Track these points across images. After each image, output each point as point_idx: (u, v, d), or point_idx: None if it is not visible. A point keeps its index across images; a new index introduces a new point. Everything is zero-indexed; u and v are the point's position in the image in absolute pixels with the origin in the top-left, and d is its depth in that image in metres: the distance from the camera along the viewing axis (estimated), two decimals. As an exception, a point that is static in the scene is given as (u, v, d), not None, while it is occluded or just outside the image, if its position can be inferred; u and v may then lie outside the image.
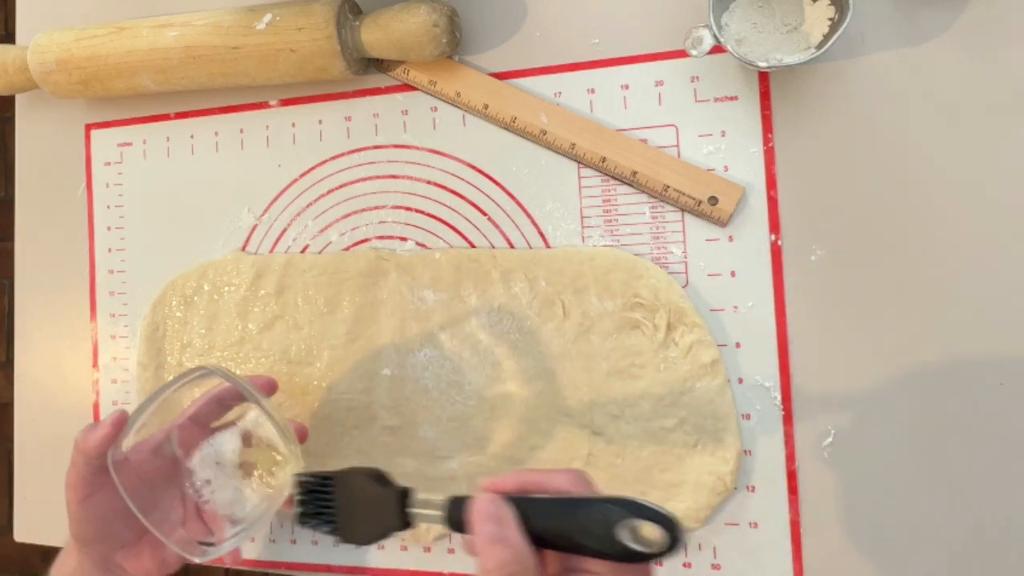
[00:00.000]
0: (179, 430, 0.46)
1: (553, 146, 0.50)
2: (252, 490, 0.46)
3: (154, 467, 0.45)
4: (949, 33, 0.45)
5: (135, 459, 0.43)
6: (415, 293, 0.52)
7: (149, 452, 0.44)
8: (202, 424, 0.47)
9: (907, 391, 0.45)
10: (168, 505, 0.45)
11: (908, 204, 0.45)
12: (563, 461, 0.49)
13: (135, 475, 0.43)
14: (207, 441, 0.46)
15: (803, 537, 0.46)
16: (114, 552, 0.43)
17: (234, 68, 0.53)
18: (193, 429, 0.46)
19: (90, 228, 0.62)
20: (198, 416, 0.46)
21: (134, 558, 0.44)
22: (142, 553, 0.44)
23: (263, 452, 0.46)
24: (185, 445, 0.46)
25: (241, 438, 0.46)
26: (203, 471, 0.45)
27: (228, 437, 0.46)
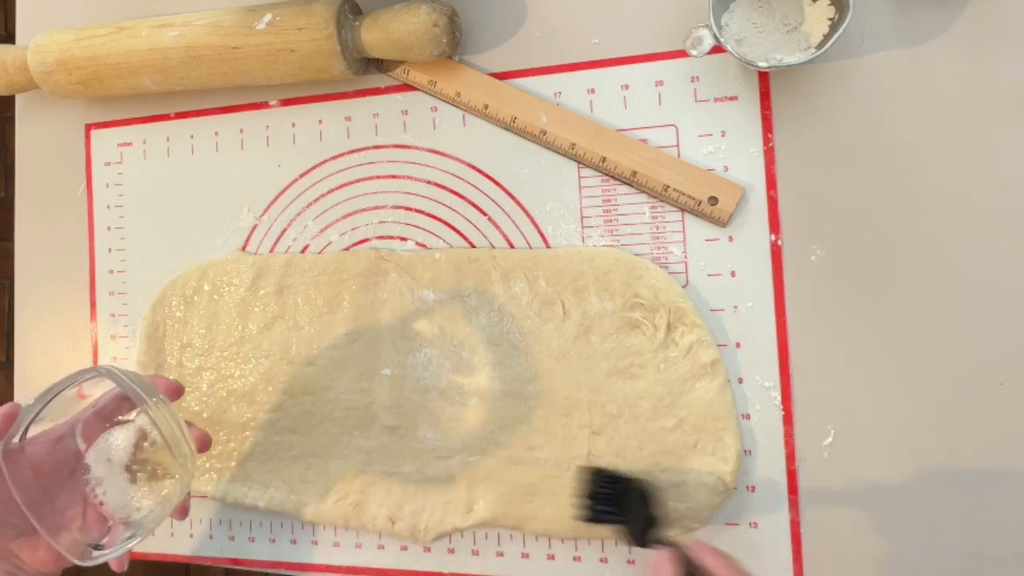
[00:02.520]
0: (84, 423, 0.44)
1: (553, 146, 0.50)
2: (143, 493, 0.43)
3: (53, 460, 0.43)
4: (949, 33, 0.45)
5: (32, 451, 0.42)
6: (415, 293, 0.52)
7: (50, 443, 0.43)
8: (107, 419, 0.44)
9: (907, 391, 0.45)
10: (66, 501, 0.43)
11: (908, 204, 0.45)
12: (563, 461, 0.49)
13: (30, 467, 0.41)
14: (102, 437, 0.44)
15: (803, 537, 0.46)
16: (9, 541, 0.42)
17: (234, 68, 0.53)
18: (98, 424, 0.44)
19: (90, 228, 0.62)
20: (103, 411, 0.44)
21: (30, 549, 0.42)
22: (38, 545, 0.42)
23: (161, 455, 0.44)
24: (89, 439, 0.44)
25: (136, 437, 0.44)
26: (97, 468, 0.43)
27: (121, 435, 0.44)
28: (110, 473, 0.43)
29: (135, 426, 0.44)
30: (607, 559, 0.50)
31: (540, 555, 0.51)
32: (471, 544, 0.52)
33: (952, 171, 0.45)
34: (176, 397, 0.46)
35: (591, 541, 0.50)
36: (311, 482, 0.54)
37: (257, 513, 0.57)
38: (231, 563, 0.58)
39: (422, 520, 0.52)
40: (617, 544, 0.50)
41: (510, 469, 0.50)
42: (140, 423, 0.44)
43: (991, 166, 0.44)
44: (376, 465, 0.53)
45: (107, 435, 0.44)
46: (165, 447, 0.42)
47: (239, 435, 0.56)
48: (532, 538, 0.51)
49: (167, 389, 0.45)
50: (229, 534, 0.58)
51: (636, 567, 0.49)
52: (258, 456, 0.56)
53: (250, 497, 0.55)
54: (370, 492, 0.53)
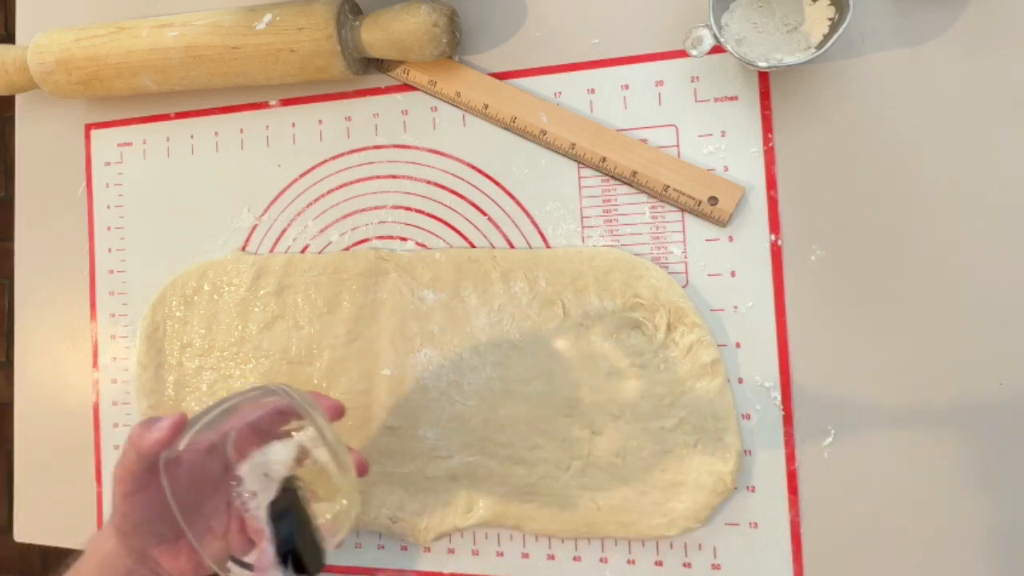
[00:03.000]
0: (236, 433, 0.43)
1: (553, 146, 0.50)
2: None
3: (205, 468, 0.43)
4: (949, 33, 0.45)
5: (187, 458, 0.42)
6: (415, 293, 0.52)
7: (203, 452, 0.43)
8: (260, 432, 0.44)
9: (907, 391, 0.45)
10: (213, 510, 0.43)
11: (908, 204, 0.45)
12: (563, 461, 0.49)
13: (185, 474, 0.41)
14: (260, 450, 0.42)
15: (803, 537, 0.46)
16: (152, 547, 0.42)
17: (234, 68, 0.53)
18: (251, 435, 0.44)
19: (90, 228, 0.62)
20: (258, 424, 0.44)
21: (171, 556, 0.43)
22: (180, 553, 0.43)
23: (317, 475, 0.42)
24: (240, 450, 0.43)
25: (297, 453, 0.42)
26: (251, 481, 0.42)
27: (281, 448, 0.42)
28: (264, 487, 0.41)
29: (296, 442, 0.42)
30: (607, 559, 0.50)
31: (540, 555, 0.51)
32: (471, 544, 0.52)
33: (952, 171, 0.45)
34: (338, 417, 0.45)
35: (591, 541, 0.50)
36: (311, 482, 0.54)
37: (257, 513, 0.57)
38: (231, 563, 0.58)
39: (422, 520, 0.52)
40: (617, 543, 0.50)
41: (510, 469, 0.50)
42: (301, 439, 0.42)
43: (991, 166, 0.44)
44: (376, 465, 0.53)
45: (267, 448, 0.42)
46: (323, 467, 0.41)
47: (239, 435, 0.56)
48: (532, 538, 0.51)
49: (329, 409, 0.44)
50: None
51: (636, 567, 0.49)
52: (258, 456, 0.56)
53: (250, 497, 0.55)
54: (370, 492, 0.53)
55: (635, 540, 0.49)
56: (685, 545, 0.48)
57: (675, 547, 0.48)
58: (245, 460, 0.42)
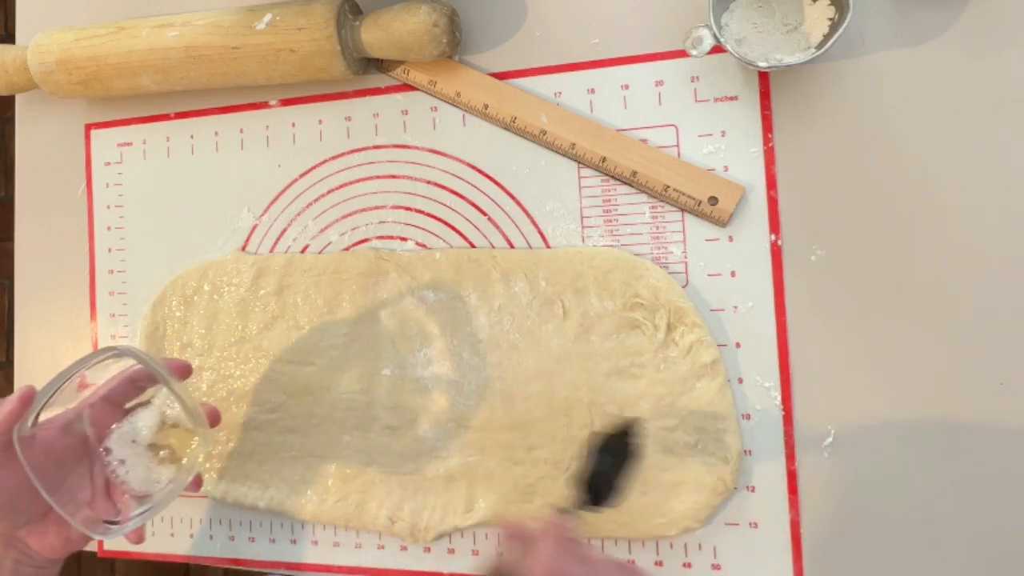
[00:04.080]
0: (91, 409, 0.45)
1: (553, 146, 0.50)
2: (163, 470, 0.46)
3: (63, 444, 0.44)
4: (949, 33, 0.45)
5: (43, 436, 0.43)
6: (415, 293, 0.52)
7: (58, 429, 0.44)
8: (115, 404, 0.46)
9: (907, 391, 0.45)
10: (76, 483, 0.45)
11: (908, 204, 0.45)
12: (563, 461, 0.49)
13: (42, 452, 0.42)
14: (126, 420, 0.46)
15: (803, 537, 0.46)
16: (18, 528, 0.43)
17: (234, 68, 0.53)
18: (105, 408, 0.46)
19: (90, 228, 0.62)
20: (111, 395, 0.46)
21: (38, 535, 0.43)
22: (47, 530, 0.43)
23: (176, 433, 0.47)
24: (97, 424, 0.46)
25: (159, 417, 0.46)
26: (119, 450, 0.45)
27: (145, 416, 0.46)
28: (133, 454, 0.45)
29: (155, 408, 0.46)
30: (607, 559, 0.50)
31: (540, 555, 0.51)
32: (471, 544, 0.52)
33: (952, 171, 0.45)
34: (186, 376, 0.48)
35: (591, 541, 0.50)
36: (311, 482, 0.54)
37: (257, 513, 0.57)
38: (231, 563, 0.58)
39: (422, 520, 0.52)
40: (617, 543, 0.50)
41: (510, 469, 0.50)
42: (157, 404, 0.46)
43: (991, 166, 0.44)
44: (376, 465, 0.53)
45: (131, 418, 0.46)
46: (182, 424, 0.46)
47: (239, 435, 0.56)
48: (532, 538, 0.51)
49: (178, 369, 0.47)
50: (229, 534, 0.58)
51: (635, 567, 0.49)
52: (258, 456, 0.56)
53: (250, 497, 0.55)
54: (370, 492, 0.53)
55: (635, 540, 0.49)
56: (685, 545, 0.48)
57: (675, 547, 0.48)
58: (111, 432, 0.46)
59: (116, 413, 0.46)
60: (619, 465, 0.41)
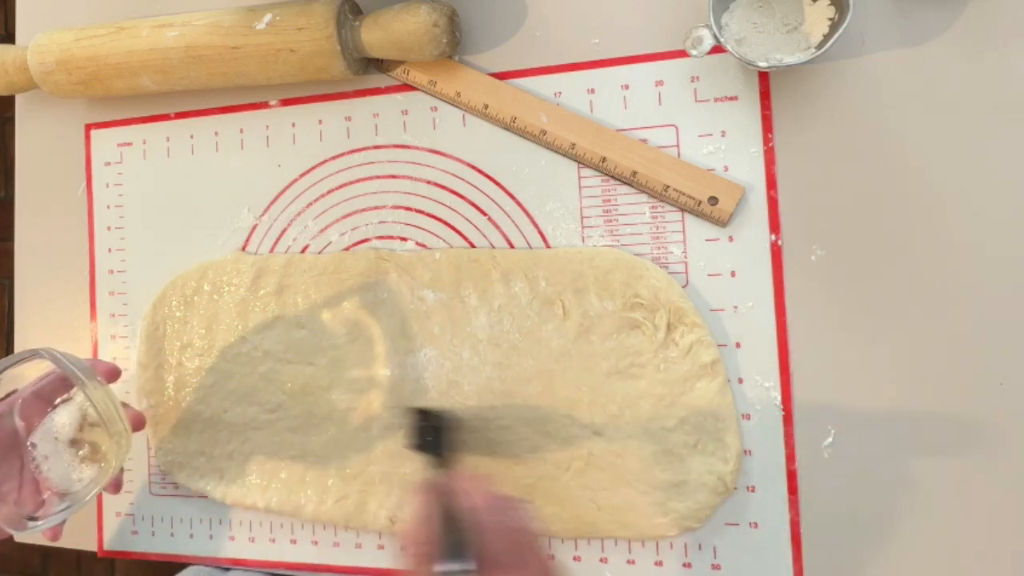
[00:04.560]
0: (22, 403, 0.46)
1: (553, 146, 0.50)
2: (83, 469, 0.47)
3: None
4: (949, 33, 0.45)
5: None
6: (415, 293, 0.52)
7: None
8: (45, 399, 0.47)
9: (907, 391, 0.45)
10: (3, 477, 0.45)
11: (908, 204, 0.45)
12: (563, 461, 0.49)
13: None
14: (48, 416, 0.47)
15: (803, 537, 0.46)
16: None
17: (234, 68, 0.53)
18: (36, 404, 0.47)
19: (90, 228, 0.62)
20: (42, 391, 0.47)
21: None
22: None
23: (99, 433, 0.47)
24: (27, 418, 0.47)
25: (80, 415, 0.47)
26: (43, 445, 0.46)
27: (65, 413, 0.47)
28: (55, 450, 0.46)
29: (75, 405, 0.47)
30: (607, 559, 0.50)
31: (540, 555, 0.51)
32: (471, 544, 0.52)
33: (952, 171, 0.45)
34: (114, 379, 0.49)
35: (591, 541, 0.50)
36: (311, 482, 0.54)
37: (257, 513, 0.57)
38: (231, 563, 0.58)
39: (422, 520, 0.52)
40: (617, 543, 0.50)
41: (510, 469, 0.50)
42: (79, 402, 0.47)
43: (991, 166, 0.44)
44: (376, 465, 0.53)
45: (53, 414, 0.47)
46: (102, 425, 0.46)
47: (239, 435, 0.56)
48: (532, 538, 0.51)
49: (105, 372, 0.48)
50: (229, 534, 0.58)
51: (636, 567, 0.49)
52: (258, 456, 0.56)
53: (250, 497, 0.55)
54: (370, 492, 0.53)
55: (635, 540, 0.49)
56: (685, 545, 0.48)
57: (675, 547, 0.48)
58: (36, 427, 0.46)
59: (46, 408, 0.47)
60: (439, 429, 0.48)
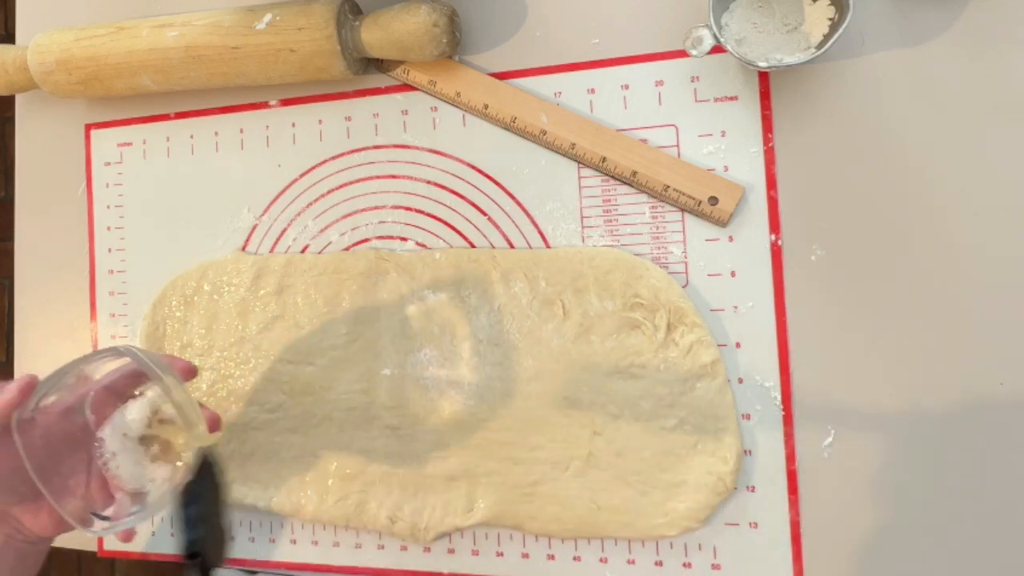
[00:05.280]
0: (93, 397, 0.45)
1: (553, 146, 0.50)
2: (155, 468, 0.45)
3: (62, 429, 0.44)
4: (949, 33, 0.45)
5: (43, 420, 0.43)
6: (415, 293, 0.52)
7: (58, 414, 0.44)
8: (117, 394, 0.46)
9: (907, 391, 0.45)
10: (71, 469, 0.44)
11: (908, 204, 0.45)
12: (563, 460, 0.49)
13: (40, 436, 0.43)
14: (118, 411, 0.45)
15: (803, 537, 0.46)
16: (12, 506, 0.43)
17: (234, 68, 0.53)
18: (108, 398, 0.45)
19: (90, 228, 0.62)
20: (114, 386, 0.46)
21: (32, 514, 0.44)
22: (40, 510, 0.44)
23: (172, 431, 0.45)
24: (98, 412, 0.45)
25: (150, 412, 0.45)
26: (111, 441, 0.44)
27: (136, 409, 0.45)
28: (123, 447, 0.44)
29: (148, 400, 0.45)
30: (607, 559, 0.50)
31: (540, 555, 0.51)
32: (471, 544, 0.52)
33: (952, 171, 0.45)
34: (190, 378, 0.47)
35: (591, 541, 0.50)
36: (311, 482, 0.54)
37: (257, 513, 0.57)
38: (231, 563, 0.58)
39: (422, 520, 0.52)
40: (617, 543, 0.50)
41: (510, 469, 0.50)
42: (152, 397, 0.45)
43: (991, 166, 0.44)
44: (376, 465, 0.53)
45: (123, 409, 0.45)
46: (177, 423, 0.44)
47: (239, 435, 0.56)
48: (532, 538, 0.51)
49: (182, 370, 0.46)
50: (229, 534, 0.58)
51: (636, 567, 0.49)
52: (258, 456, 0.56)
53: (250, 497, 0.55)
54: (370, 492, 0.53)
55: (635, 540, 0.49)
56: (685, 545, 0.48)
57: (675, 547, 0.48)
58: (105, 422, 0.44)
59: (117, 403, 0.46)
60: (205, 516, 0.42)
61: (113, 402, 0.46)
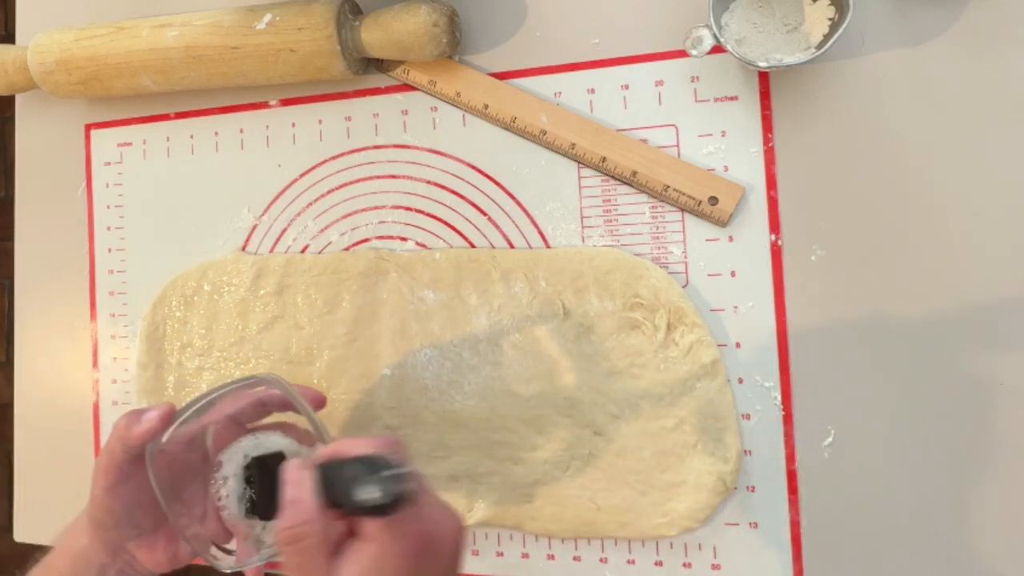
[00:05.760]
0: (216, 426, 0.44)
1: (553, 146, 0.50)
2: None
3: (184, 460, 0.43)
4: (949, 33, 0.45)
5: (168, 449, 0.42)
6: (415, 293, 0.52)
7: (183, 444, 0.43)
8: (240, 424, 0.45)
9: (907, 391, 0.45)
10: (191, 499, 0.44)
11: (908, 204, 0.45)
12: (563, 461, 0.49)
13: (165, 466, 0.42)
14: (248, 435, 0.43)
15: (803, 537, 0.46)
16: (129, 540, 0.42)
17: (234, 68, 0.53)
18: (231, 427, 0.44)
19: (90, 228, 0.62)
20: (238, 416, 0.44)
21: (147, 548, 0.43)
22: (156, 544, 0.43)
23: None
24: (219, 442, 0.44)
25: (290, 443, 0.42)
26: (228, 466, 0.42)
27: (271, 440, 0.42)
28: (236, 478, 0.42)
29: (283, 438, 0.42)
30: (607, 559, 0.50)
31: (540, 555, 0.51)
32: (471, 544, 0.52)
33: (952, 171, 0.45)
34: (321, 408, 0.46)
35: (591, 541, 0.50)
36: (311, 482, 0.54)
37: (257, 513, 0.57)
38: None
39: (422, 520, 0.52)
40: (617, 543, 0.50)
41: (510, 469, 0.50)
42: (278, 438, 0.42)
43: (991, 166, 0.44)
44: (376, 465, 0.53)
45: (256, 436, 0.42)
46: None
47: (239, 435, 0.56)
48: (532, 538, 0.51)
49: (313, 399, 0.45)
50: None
51: (636, 567, 0.49)
52: (258, 456, 0.56)
53: (250, 497, 0.55)
54: (370, 492, 0.53)
55: (635, 540, 0.49)
56: (685, 545, 0.48)
57: (675, 547, 0.48)
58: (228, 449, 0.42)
59: (240, 433, 0.44)
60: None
61: (235, 430, 0.44)
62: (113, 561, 0.43)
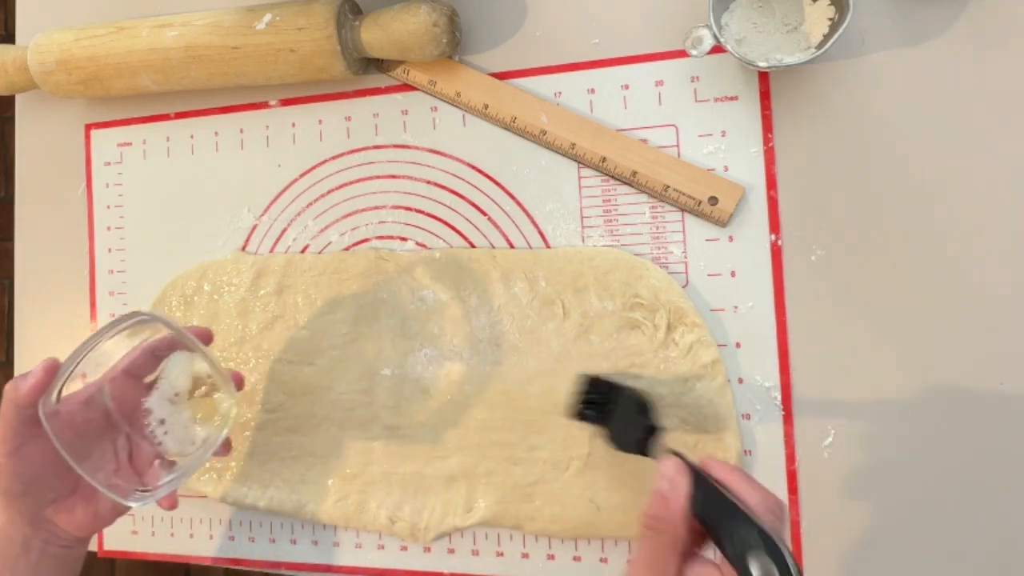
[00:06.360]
0: (112, 383, 0.45)
1: (553, 146, 0.50)
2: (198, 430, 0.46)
3: (85, 419, 0.44)
4: (949, 33, 0.45)
5: (66, 410, 0.43)
6: (415, 293, 0.52)
7: (80, 404, 0.44)
8: (135, 377, 0.46)
9: (907, 391, 0.45)
10: (100, 458, 0.45)
11: (908, 204, 0.45)
12: (563, 461, 0.49)
13: (66, 426, 0.42)
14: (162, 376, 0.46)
15: (803, 537, 0.46)
16: (44, 507, 0.43)
17: (234, 68, 0.53)
18: (127, 382, 0.46)
19: (90, 228, 0.62)
20: (131, 368, 0.46)
21: (66, 512, 0.43)
22: (75, 507, 0.43)
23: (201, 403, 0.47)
24: (118, 398, 0.45)
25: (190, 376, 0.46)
26: (159, 409, 0.45)
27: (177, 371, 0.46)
28: (173, 411, 0.45)
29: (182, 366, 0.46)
30: (607, 559, 0.50)
31: (540, 555, 0.51)
32: (471, 544, 0.52)
33: (952, 171, 0.45)
34: (209, 343, 0.48)
35: (591, 541, 0.50)
36: (311, 482, 0.54)
37: (257, 513, 0.57)
38: (231, 563, 0.58)
39: (422, 520, 0.52)
40: (617, 543, 0.50)
41: (510, 469, 0.50)
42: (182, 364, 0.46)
43: (992, 166, 0.44)
44: (376, 465, 0.53)
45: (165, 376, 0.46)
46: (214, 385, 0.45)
47: (239, 435, 0.56)
48: (532, 538, 0.51)
49: (199, 335, 0.47)
50: (229, 534, 0.58)
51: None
52: (258, 456, 0.56)
53: (250, 497, 0.55)
54: (370, 492, 0.53)
55: (635, 540, 0.49)
56: None
57: (675, 547, 0.48)
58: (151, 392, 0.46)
59: (137, 387, 0.46)
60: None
61: (132, 385, 0.46)
62: (36, 532, 0.43)
